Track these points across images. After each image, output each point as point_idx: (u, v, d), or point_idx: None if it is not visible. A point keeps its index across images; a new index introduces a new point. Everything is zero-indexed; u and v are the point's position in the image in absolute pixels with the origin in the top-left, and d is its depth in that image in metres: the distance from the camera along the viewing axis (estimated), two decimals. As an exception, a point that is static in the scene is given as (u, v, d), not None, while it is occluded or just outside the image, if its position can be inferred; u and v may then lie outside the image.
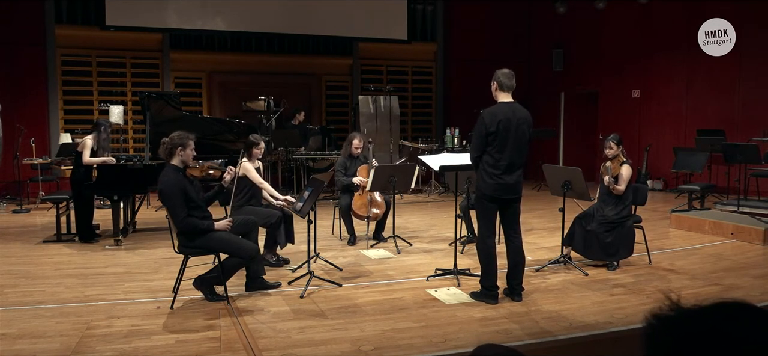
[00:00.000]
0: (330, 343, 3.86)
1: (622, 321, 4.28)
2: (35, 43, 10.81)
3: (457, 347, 3.77)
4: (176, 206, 4.50)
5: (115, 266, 5.90)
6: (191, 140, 4.73)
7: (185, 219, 4.53)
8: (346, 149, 7.02)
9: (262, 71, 12.16)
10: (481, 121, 4.47)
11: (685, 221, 7.73)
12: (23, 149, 9.71)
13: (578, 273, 5.52)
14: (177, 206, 4.50)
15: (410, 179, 6.76)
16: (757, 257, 6.24)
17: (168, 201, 4.52)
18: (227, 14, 11.70)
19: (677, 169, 9.44)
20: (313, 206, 5.11)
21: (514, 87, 4.59)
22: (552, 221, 8.20)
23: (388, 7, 12.83)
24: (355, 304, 4.68)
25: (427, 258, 6.23)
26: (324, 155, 10.61)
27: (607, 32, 12.35)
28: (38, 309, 4.56)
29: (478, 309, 4.54)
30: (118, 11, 11.05)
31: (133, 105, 11.42)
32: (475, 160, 4.59)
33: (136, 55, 11.56)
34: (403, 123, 13.30)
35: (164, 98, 7.64)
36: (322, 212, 8.11)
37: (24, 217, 8.86)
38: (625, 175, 5.67)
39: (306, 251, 5.39)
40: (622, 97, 12.19)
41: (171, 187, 4.51)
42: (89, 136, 7.07)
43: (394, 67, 13.40)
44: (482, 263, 4.68)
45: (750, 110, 10.07)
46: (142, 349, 3.76)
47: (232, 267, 4.76)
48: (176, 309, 4.54)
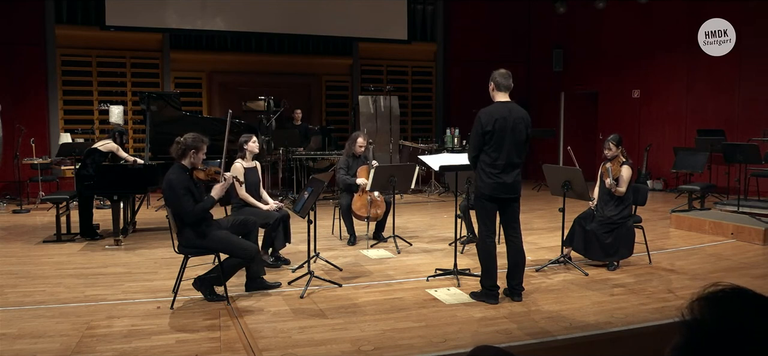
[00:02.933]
0: (330, 343, 3.86)
1: (622, 321, 4.28)
2: (35, 43, 10.81)
3: (457, 347, 3.77)
4: (183, 201, 4.54)
5: (115, 266, 5.90)
6: (205, 143, 4.78)
7: (195, 209, 4.58)
8: (350, 147, 7.02)
9: (262, 71, 12.16)
10: (478, 120, 4.49)
11: (685, 221, 7.73)
12: (23, 149, 9.71)
13: (578, 272, 5.52)
14: (184, 201, 4.54)
15: (410, 179, 6.76)
16: (757, 257, 6.24)
17: (175, 196, 4.54)
18: (227, 14, 11.70)
19: (677, 169, 9.44)
20: (313, 206, 5.11)
21: (511, 87, 4.60)
22: (552, 221, 8.20)
23: (388, 7, 12.83)
24: (355, 304, 4.68)
25: (427, 258, 6.23)
26: (324, 155, 10.60)
27: (607, 32, 12.35)
28: (38, 309, 4.56)
29: (478, 309, 4.54)
30: (118, 11, 11.05)
31: (133, 105, 11.42)
32: (473, 160, 4.61)
33: (136, 55, 11.56)
34: (403, 123, 13.30)
35: (164, 98, 7.64)
36: (322, 212, 8.12)
37: (24, 217, 8.86)
38: (626, 176, 5.67)
39: (306, 251, 5.39)
40: (622, 97, 12.19)
41: (177, 184, 4.54)
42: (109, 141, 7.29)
43: (394, 67, 13.40)
44: (482, 263, 4.68)
45: (750, 110, 10.07)
46: (142, 349, 3.76)
47: (232, 267, 4.77)
48: (176, 309, 4.54)
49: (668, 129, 11.42)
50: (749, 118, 10.01)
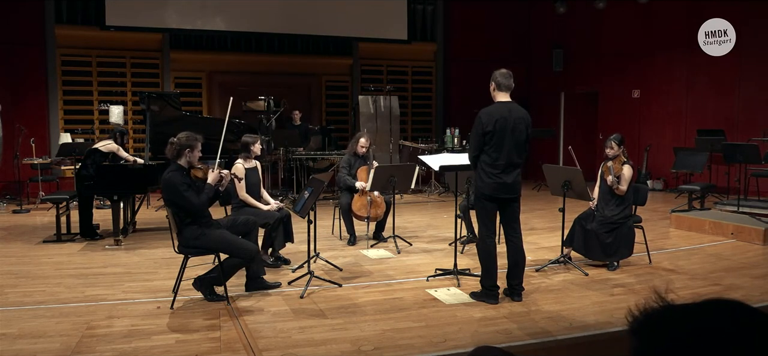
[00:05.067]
0: (330, 343, 3.86)
1: (622, 321, 4.27)
2: (35, 43, 10.81)
3: (457, 347, 3.77)
4: (185, 195, 4.54)
5: (115, 266, 5.90)
6: (199, 142, 4.79)
7: (201, 200, 4.61)
8: (352, 147, 7.02)
9: (262, 71, 12.16)
10: (478, 120, 4.49)
11: (685, 221, 7.73)
12: (23, 149, 9.72)
13: (578, 272, 5.52)
14: (186, 195, 4.54)
15: (410, 179, 6.76)
16: (757, 257, 6.24)
17: (176, 195, 4.54)
18: (227, 14, 11.70)
19: (677, 169, 9.44)
20: (313, 206, 5.11)
21: (511, 87, 4.60)
22: (552, 221, 8.20)
23: (388, 7, 12.84)
24: (355, 304, 4.68)
25: (427, 258, 6.23)
26: (324, 155, 10.60)
27: (607, 32, 12.35)
28: (38, 309, 4.56)
29: (478, 309, 4.54)
30: (118, 11, 11.05)
31: (133, 105, 11.42)
32: (474, 160, 4.61)
33: (136, 55, 11.57)
34: (403, 123, 13.30)
35: (164, 98, 7.64)
36: (322, 212, 8.12)
37: (24, 217, 8.85)
38: (627, 175, 5.67)
39: (306, 251, 5.39)
40: (622, 97, 12.19)
41: (176, 183, 4.54)
42: (110, 142, 7.33)
43: (394, 67, 13.40)
44: (482, 263, 4.68)
45: (750, 110, 10.08)
46: (142, 349, 3.76)
47: (232, 267, 4.77)
48: (176, 309, 4.54)
49: (668, 129, 11.42)
50: (749, 118, 10.01)
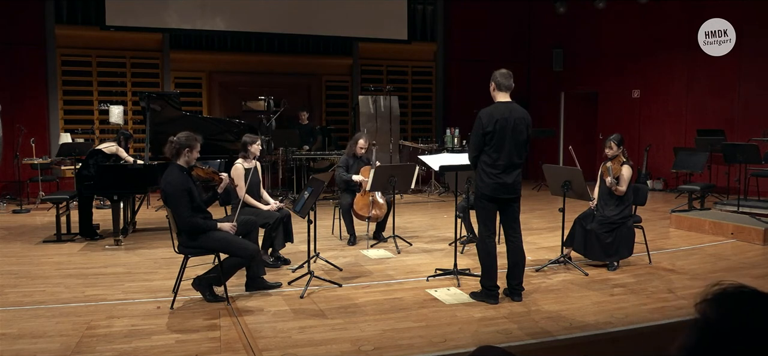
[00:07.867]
0: (330, 343, 3.86)
1: (622, 321, 4.28)
2: (35, 43, 10.81)
3: (457, 347, 3.77)
4: (181, 206, 4.52)
5: (115, 266, 5.90)
6: (198, 141, 4.78)
7: (189, 219, 4.55)
8: (351, 148, 7.02)
9: (262, 71, 12.16)
10: (478, 121, 4.49)
11: (685, 221, 7.73)
12: (23, 149, 9.71)
13: (578, 272, 5.52)
14: (181, 206, 4.52)
15: (410, 179, 6.76)
16: (757, 257, 6.24)
17: (172, 201, 4.53)
18: (227, 14, 11.70)
19: (677, 169, 9.44)
20: (313, 206, 5.11)
21: (511, 87, 4.60)
22: (552, 221, 8.20)
23: (388, 7, 12.83)
24: (355, 304, 4.68)
25: (427, 258, 6.23)
26: (324, 155, 10.60)
27: (607, 32, 12.35)
28: (38, 309, 4.56)
29: (478, 309, 4.54)
30: (118, 11, 11.05)
31: (133, 105, 11.42)
32: (474, 160, 4.61)
33: (136, 55, 11.56)
34: (403, 123, 13.30)
35: (164, 98, 7.63)
36: (322, 212, 8.12)
37: (24, 217, 8.85)
38: (626, 175, 5.67)
39: (306, 251, 5.39)
40: (622, 97, 12.19)
41: (176, 187, 4.53)
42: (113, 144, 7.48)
43: (394, 67, 13.40)
44: (482, 263, 4.68)
45: (750, 110, 10.07)
46: (142, 349, 3.76)
47: (231, 267, 4.77)
48: (176, 309, 4.54)
49: (668, 129, 11.42)
50: (749, 118, 10.01)
